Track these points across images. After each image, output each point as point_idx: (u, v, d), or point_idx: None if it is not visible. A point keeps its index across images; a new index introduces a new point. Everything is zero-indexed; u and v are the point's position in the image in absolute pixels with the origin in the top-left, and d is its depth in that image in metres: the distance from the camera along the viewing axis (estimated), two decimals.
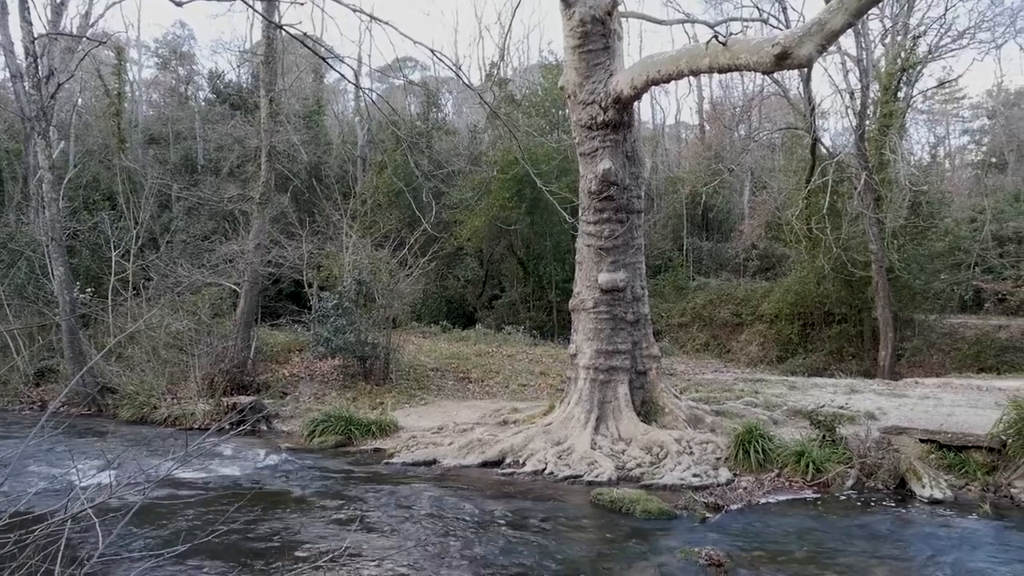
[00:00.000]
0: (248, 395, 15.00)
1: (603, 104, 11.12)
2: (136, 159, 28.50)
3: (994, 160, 41.37)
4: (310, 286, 19.66)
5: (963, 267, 29.42)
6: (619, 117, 11.25)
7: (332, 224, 21.22)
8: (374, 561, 6.45)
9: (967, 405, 12.26)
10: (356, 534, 7.27)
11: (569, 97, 11.81)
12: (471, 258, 32.17)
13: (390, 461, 10.86)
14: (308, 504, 8.48)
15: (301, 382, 16.77)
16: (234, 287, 17.48)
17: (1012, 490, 8.54)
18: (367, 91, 20.15)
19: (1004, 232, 31.21)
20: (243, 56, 36.36)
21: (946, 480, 8.88)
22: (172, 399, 15.21)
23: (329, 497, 8.77)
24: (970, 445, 9.29)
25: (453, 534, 7.29)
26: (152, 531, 7.31)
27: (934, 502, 8.39)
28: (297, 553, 6.67)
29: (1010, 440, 8.89)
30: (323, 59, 6.55)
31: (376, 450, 11.73)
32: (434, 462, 10.71)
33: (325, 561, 6.06)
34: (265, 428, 13.74)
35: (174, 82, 39.56)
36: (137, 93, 37.44)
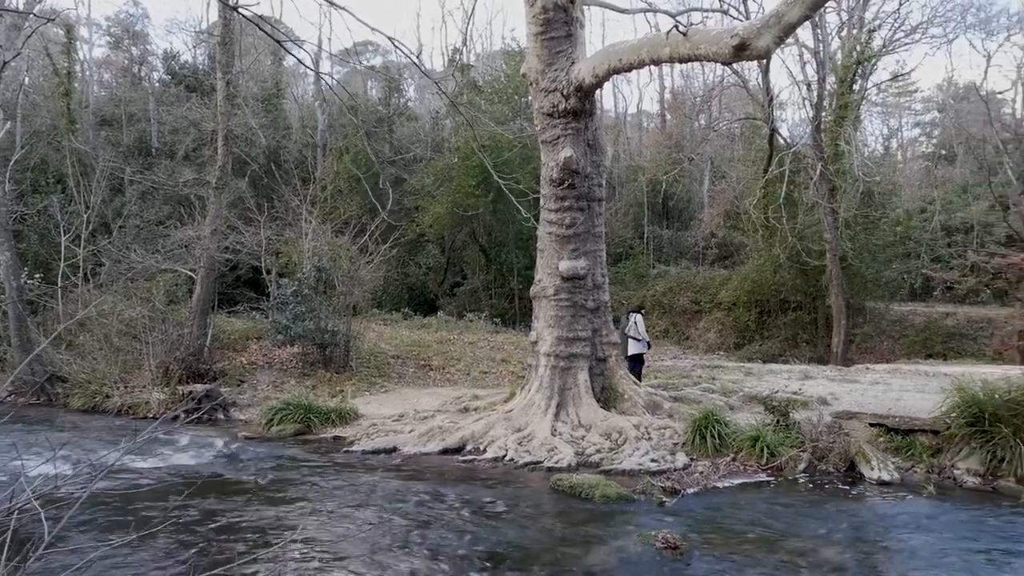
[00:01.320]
0: (204, 383, 14.76)
1: (565, 92, 11.13)
2: (87, 141, 27.67)
3: (944, 152, 42.49)
4: (268, 273, 19.38)
5: (913, 256, 30.24)
6: (581, 105, 11.28)
7: (291, 210, 20.93)
8: (330, 548, 6.43)
9: (914, 390, 12.64)
10: (313, 521, 7.23)
11: (531, 84, 11.80)
12: (433, 245, 32.04)
13: (350, 449, 10.81)
14: (265, 492, 8.39)
15: (259, 370, 16.57)
16: (190, 273, 17.15)
17: (955, 471, 8.86)
18: (325, 76, 19.83)
19: (952, 222, 32.16)
20: (199, 37, 35.46)
21: (893, 463, 9.17)
22: (125, 388, 14.90)
23: (287, 485, 8.70)
24: (916, 429, 9.61)
25: (411, 520, 7.29)
26: (104, 521, 7.18)
27: (882, 484, 8.66)
28: (252, 540, 6.62)
29: (953, 423, 9.21)
30: (279, 43, 6.41)
31: (336, 438, 11.66)
32: (394, 450, 10.68)
33: (279, 547, 6.02)
34: (222, 416, 13.55)
35: (127, 62, 38.38)
36: (88, 73, 36.31)
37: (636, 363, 13.47)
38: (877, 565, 6.21)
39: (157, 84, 34.19)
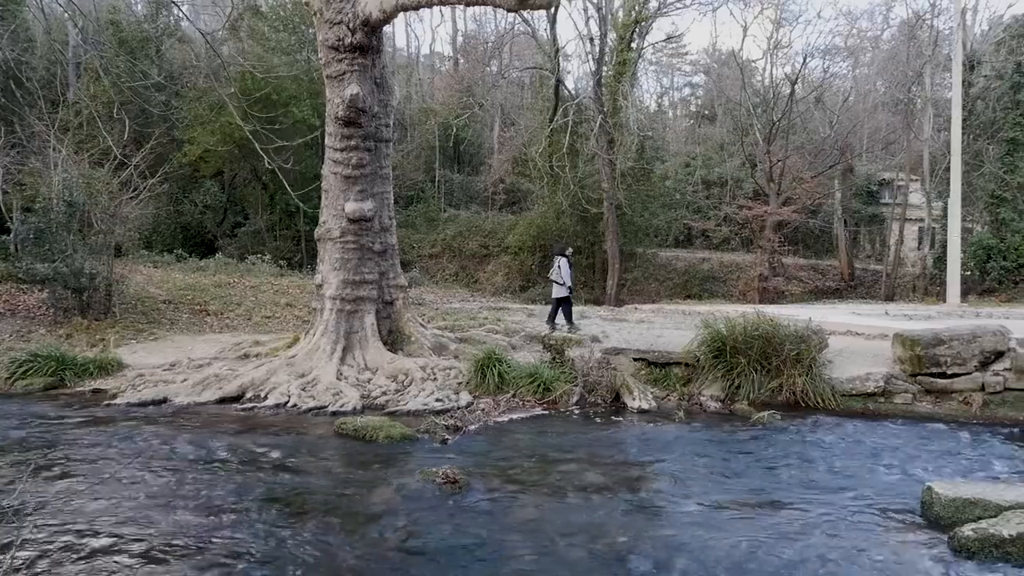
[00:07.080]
0: None
1: (351, 25, 10.70)
2: None
3: (707, 113, 46.75)
4: (9, 208, 16.90)
5: (678, 207, 33.25)
6: (368, 41, 10.91)
7: (37, 136, 18.31)
8: (85, 513, 5.89)
9: (673, 327, 14.03)
10: (63, 484, 6.57)
11: (315, 14, 11.20)
12: (211, 182, 29.78)
13: (112, 402, 9.94)
14: (3, 455, 7.47)
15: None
16: None
17: (701, 398, 10.08)
18: None
19: (711, 177, 35.71)
20: None
21: (652, 392, 10.22)
22: None
23: (32, 447, 7.79)
24: (672, 362, 10.77)
25: (180, 475, 6.89)
26: None
27: (641, 412, 9.65)
28: None
29: (701, 356, 10.43)
30: None
31: (95, 391, 10.68)
32: (164, 401, 10.01)
33: (13, 517, 5.43)
34: None
35: None
36: None
37: (563, 305, 12.98)
38: (632, 481, 6.91)
39: None
